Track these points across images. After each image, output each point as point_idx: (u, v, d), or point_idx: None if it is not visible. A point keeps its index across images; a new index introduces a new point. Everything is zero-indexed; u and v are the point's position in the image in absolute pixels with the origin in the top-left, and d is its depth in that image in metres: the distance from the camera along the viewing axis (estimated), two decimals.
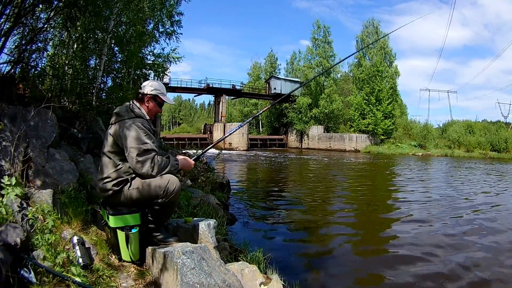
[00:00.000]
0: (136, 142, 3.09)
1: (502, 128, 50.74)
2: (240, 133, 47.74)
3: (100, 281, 2.87)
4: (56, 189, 3.87)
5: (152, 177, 3.15)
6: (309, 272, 5.72)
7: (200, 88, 52.12)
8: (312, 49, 57.20)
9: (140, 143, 3.10)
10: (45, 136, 4.36)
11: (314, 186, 15.54)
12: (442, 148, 46.80)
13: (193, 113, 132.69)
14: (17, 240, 2.56)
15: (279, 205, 10.75)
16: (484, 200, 12.35)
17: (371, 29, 56.65)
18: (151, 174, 3.13)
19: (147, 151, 3.11)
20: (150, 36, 13.25)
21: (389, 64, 55.57)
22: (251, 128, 69.38)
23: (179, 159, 3.42)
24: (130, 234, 3.23)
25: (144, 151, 3.09)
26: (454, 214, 9.74)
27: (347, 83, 64.48)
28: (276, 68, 70.87)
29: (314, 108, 54.31)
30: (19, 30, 6.99)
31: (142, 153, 3.08)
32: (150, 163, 3.10)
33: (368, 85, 52.46)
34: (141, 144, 3.09)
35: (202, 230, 3.70)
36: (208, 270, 2.76)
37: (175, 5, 14.77)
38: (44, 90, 6.95)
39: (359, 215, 9.79)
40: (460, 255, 6.37)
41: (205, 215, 6.20)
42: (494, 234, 7.91)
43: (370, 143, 50.83)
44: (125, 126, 3.18)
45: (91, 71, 9.76)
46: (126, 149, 3.12)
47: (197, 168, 10.43)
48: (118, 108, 3.41)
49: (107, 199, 3.27)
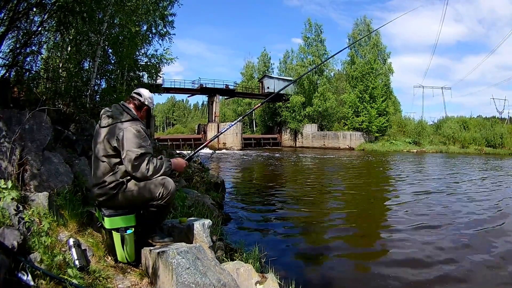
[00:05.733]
0: (133, 145, 3.11)
1: (497, 124, 50.65)
2: (234, 132, 47.77)
3: (96, 282, 2.88)
4: (51, 192, 3.89)
5: (148, 179, 3.18)
6: (304, 270, 5.78)
7: (194, 88, 51.97)
8: (305, 47, 57.23)
9: (137, 146, 3.12)
10: (40, 139, 4.37)
11: (309, 184, 15.59)
12: (437, 145, 46.81)
13: (186, 114, 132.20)
14: (14, 243, 2.59)
15: (274, 204, 10.79)
16: (482, 194, 12.46)
17: (363, 27, 56.75)
18: (146, 176, 3.15)
19: (144, 154, 3.13)
20: (143, 38, 13.23)
21: (382, 61, 55.74)
22: (245, 128, 69.29)
23: (171, 160, 3.45)
24: (126, 235, 3.24)
25: (141, 155, 3.11)
26: (453, 212, 9.81)
27: (341, 81, 64.50)
28: (270, 67, 70.71)
29: (308, 107, 54.27)
30: (13, 34, 6.98)
31: (139, 156, 3.10)
32: (145, 166, 3.12)
33: (362, 82, 52.56)
34: (138, 148, 3.11)
35: (197, 230, 3.72)
36: (203, 270, 2.77)
37: (167, 6, 14.76)
38: (39, 93, 6.97)
39: (354, 213, 9.84)
40: (459, 254, 6.41)
41: (200, 215, 6.20)
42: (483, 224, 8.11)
43: (365, 141, 50.84)
44: (123, 128, 3.18)
45: (85, 73, 9.76)
46: (123, 151, 3.13)
47: (192, 168, 10.44)
48: (109, 110, 3.37)
49: (103, 202, 3.28)
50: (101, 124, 3.35)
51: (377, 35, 55.70)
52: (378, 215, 9.54)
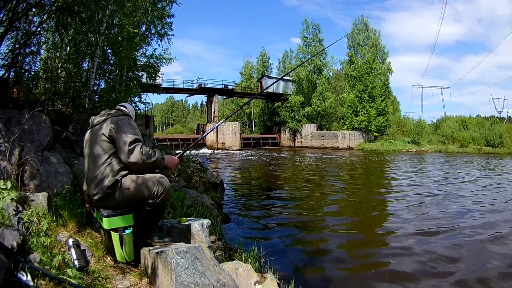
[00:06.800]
0: (128, 132, 3.26)
1: (496, 123, 50.58)
2: (233, 132, 47.73)
3: (96, 283, 2.90)
4: (51, 192, 3.90)
5: (144, 163, 3.24)
6: (304, 270, 5.78)
7: (193, 88, 51.87)
8: (303, 47, 57.20)
9: (131, 133, 3.26)
10: (39, 139, 4.37)
11: (308, 184, 15.58)
12: (436, 144, 46.81)
13: (185, 114, 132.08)
14: (14, 243, 2.59)
15: (273, 204, 10.80)
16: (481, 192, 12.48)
17: (361, 26, 56.80)
18: (141, 160, 3.22)
19: (137, 139, 3.26)
20: (142, 38, 13.23)
21: (381, 61, 55.79)
22: (244, 128, 69.25)
23: (164, 156, 3.54)
24: (124, 235, 3.26)
25: (135, 140, 3.23)
26: (452, 210, 9.85)
27: (340, 80, 64.49)
28: (268, 67, 70.89)
29: (307, 107, 54.21)
30: (12, 34, 6.99)
31: (133, 141, 3.22)
32: (139, 149, 3.21)
33: (361, 82, 52.62)
34: (132, 134, 3.25)
35: (195, 230, 3.73)
36: (202, 270, 2.77)
37: (166, 7, 14.77)
38: (38, 94, 6.96)
39: (353, 213, 9.85)
40: (458, 253, 6.44)
41: (199, 215, 6.21)
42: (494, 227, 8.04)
43: (364, 140, 50.87)
44: (118, 120, 3.35)
45: (84, 73, 9.76)
46: (117, 140, 3.25)
47: (191, 168, 10.44)
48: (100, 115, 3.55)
49: (100, 201, 3.31)
50: (93, 125, 3.48)
51: (376, 34, 55.87)
52: (378, 215, 9.53)
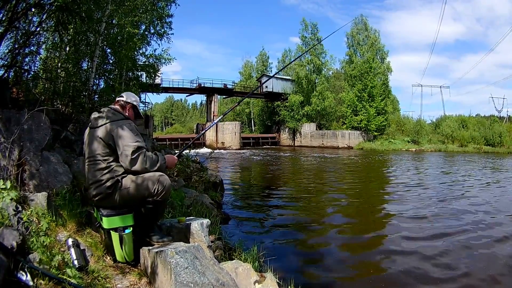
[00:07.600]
0: (129, 141, 3.22)
1: (496, 122, 50.69)
2: (233, 132, 47.76)
3: (95, 282, 2.90)
4: (50, 192, 3.91)
5: (147, 171, 3.26)
6: (303, 270, 5.78)
7: (192, 88, 51.96)
8: (302, 47, 57.18)
9: (134, 141, 3.23)
10: (38, 139, 4.38)
11: (308, 183, 15.57)
12: (435, 143, 46.85)
13: (185, 113, 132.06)
14: (13, 243, 2.59)
15: (272, 203, 10.79)
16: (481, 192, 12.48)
17: (361, 26, 56.83)
18: (145, 168, 3.25)
19: (140, 148, 3.24)
20: (141, 38, 13.23)
21: (381, 60, 55.82)
22: (244, 127, 69.26)
23: (165, 156, 3.55)
24: (124, 235, 3.27)
25: (137, 148, 3.22)
26: (451, 209, 9.87)
27: (339, 80, 64.48)
28: (268, 66, 70.96)
29: (306, 106, 54.27)
30: (12, 34, 6.99)
31: (136, 150, 3.20)
32: (143, 158, 3.22)
33: (361, 81, 52.62)
34: (134, 142, 3.22)
35: (195, 230, 3.73)
36: (201, 269, 2.78)
37: (165, 7, 14.77)
38: (37, 93, 6.96)
39: (353, 212, 9.85)
40: (458, 252, 6.43)
41: (198, 214, 6.22)
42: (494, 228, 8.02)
43: (363, 140, 50.93)
44: (118, 126, 3.30)
45: (84, 73, 9.76)
46: (119, 148, 3.23)
47: (191, 167, 10.44)
48: (101, 112, 3.49)
49: (100, 201, 3.32)
50: (93, 125, 3.44)
51: (376, 34, 55.93)
52: (378, 215, 9.51)
